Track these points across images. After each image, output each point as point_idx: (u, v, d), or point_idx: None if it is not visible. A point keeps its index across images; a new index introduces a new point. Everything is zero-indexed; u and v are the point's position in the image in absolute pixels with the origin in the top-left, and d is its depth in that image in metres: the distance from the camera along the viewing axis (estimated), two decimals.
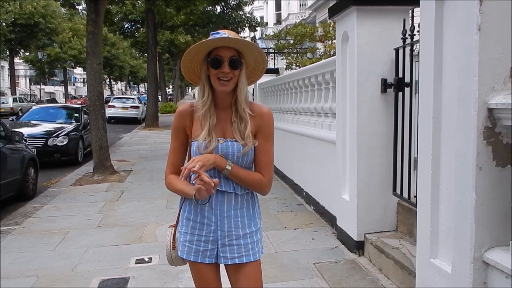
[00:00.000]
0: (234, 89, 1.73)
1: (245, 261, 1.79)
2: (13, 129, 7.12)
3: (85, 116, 10.82)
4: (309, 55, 13.46)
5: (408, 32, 3.27)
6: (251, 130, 1.75)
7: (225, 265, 1.84)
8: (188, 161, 1.75)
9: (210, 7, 21.15)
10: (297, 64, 12.53)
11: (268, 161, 1.80)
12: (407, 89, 3.45)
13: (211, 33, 1.72)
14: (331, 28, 11.18)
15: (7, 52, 35.19)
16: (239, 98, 1.73)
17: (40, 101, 39.66)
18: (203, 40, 1.68)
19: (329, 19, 4.31)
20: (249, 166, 1.80)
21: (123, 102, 23.11)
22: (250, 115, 1.76)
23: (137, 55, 45.41)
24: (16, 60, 39.18)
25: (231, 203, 1.79)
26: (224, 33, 1.68)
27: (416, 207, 2.60)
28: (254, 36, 24.50)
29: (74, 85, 65.76)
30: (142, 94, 50.30)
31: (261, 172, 1.80)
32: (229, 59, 1.67)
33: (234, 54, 1.68)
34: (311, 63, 7.38)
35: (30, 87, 50.95)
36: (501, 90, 1.87)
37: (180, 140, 1.83)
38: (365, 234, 3.72)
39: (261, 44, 18.76)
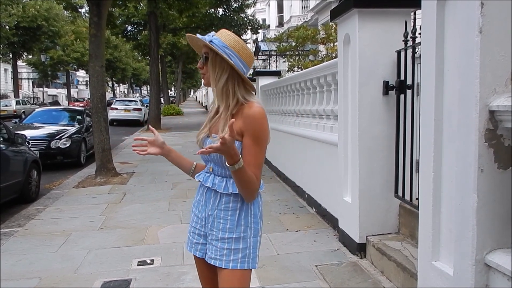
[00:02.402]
0: None
1: (217, 265, 1.75)
2: (16, 132, 7.14)
3: (88, 119, 10.86)
4: (311, 57, 13.49)
5: (410, 35, 3.27)
6: (237, 130, 1.66)
7: None
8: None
9: (212, 10, 21.23)
10: (299, 66, 12.56)
11: (256, 163, 1.68)
12: (409, 91, 3.46)
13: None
14: (333, 30, 11.20)
15: (10, 55, 35.37)
16: (213, 92, 1.78)
17: (43, 104, 39.74)
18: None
19: (331, 21, 4.32)
20: None
21: (126, 105, 23.19)
22: (240, 113, 1.70)
23: (140, 58, 45.61)
24: (19, 63, 39.33)
25: (215, 201, 1.78)
26: (211, 34, 1.75)
27: (418, 210, 2.60)
28: (257, 38, 24.54)
29: (76, 87, 65.96)
30: (145, 97, 50.40)
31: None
32: (203, 55, 1.77)
33: (206, 50, 1.75)
34: (313, 66, 7.39)
35: (33, 90, 51.09)
36: (503, 92, 1.87)
37: None
38: (367, 236, 3.71)
39: (263, 46, 18.78)
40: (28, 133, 8.93)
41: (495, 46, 1.86)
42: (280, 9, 39.16)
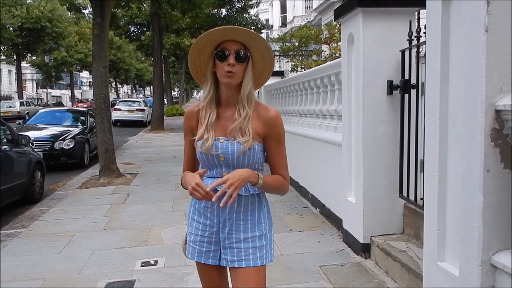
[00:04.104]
0: (239, 85, 1.71)
1: (243, 266, 1.75)
2: (20, 133, 7.15)
3: (91, 119, 10.87)
4: (314, 57, 13.46)
5: (414, 34, 3.26)
6: (258, 132, 1.72)
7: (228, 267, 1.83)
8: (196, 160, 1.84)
9: (216, 10, 21.25)
10: (302, 66, 12.54)
11: (283, 162, 1.81)
12: (413, 91, 3.43)
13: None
14: (336, 30, 11.19)
15: (14, 56, 35.50)
16: (242, 94, 1.70)
17: (46, 105, 39.85)
18: (210, 30, 1.67)
19: (334, 21, 4.31)
20: (254, 167, 1.74)
21: (129, 105, 23.26)
22: (256, 116, 1.73)
23: (143, 59, 45.57)
24: (23, 64, 39.43)
25: (233, 205, 1.75)
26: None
27: (422, 210, 2.58)
28: None
29: (80, 88, 66.07)
30: (148, 97, 50.50)
31: (279, 173, 1.81)
32: (235, 52, 1.66)
33: (240, 48, 1.67)
34: (317, 65, 7.38)
35: (37, 91, 51.16)
36: (509, 91, 1.85)
37: (188, 140, 1.86)
38: (371, 236, 3.69)
39: None
40: (32, 134, 8.93)
41: (501, 45, 1.84)
42: (283, 9, 39.19)
